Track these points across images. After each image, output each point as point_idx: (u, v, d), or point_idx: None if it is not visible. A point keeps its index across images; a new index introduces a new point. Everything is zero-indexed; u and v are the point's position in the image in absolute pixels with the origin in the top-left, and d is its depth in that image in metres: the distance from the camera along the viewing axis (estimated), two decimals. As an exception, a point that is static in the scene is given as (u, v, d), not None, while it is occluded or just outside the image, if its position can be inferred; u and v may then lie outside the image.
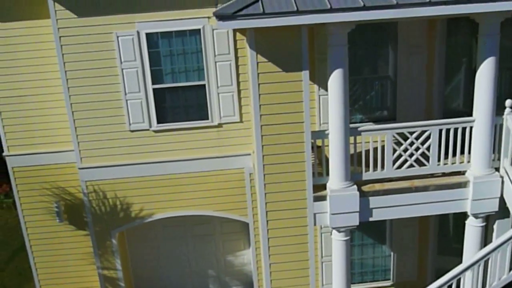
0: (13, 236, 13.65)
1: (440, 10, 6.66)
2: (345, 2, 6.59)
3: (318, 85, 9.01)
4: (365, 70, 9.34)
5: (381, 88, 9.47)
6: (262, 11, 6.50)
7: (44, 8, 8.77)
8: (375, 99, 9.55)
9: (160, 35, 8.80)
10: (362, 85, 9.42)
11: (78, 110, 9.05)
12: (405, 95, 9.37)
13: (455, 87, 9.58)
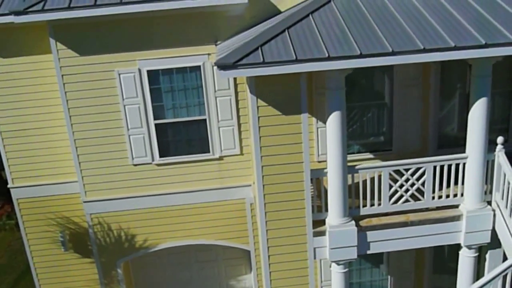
0: (17, 259, 13.84)
1: (433, 57, 6.91)
2: (342, 50, 6.83)
3: (316, 118, 9.26)
4: (363, 97, 9.56)
5: (378, 115, 9.73)
6: (262, 60, 6.72)
7: (47, 44, 8.96)
8: (372, 126, 9.79)
9: (161, 72, 9.02)
10: (359, 111, 9.65)
11: (82, 146, 9.27)
12: (401, 123, 9.62)
13: (450, 114, 9.85)
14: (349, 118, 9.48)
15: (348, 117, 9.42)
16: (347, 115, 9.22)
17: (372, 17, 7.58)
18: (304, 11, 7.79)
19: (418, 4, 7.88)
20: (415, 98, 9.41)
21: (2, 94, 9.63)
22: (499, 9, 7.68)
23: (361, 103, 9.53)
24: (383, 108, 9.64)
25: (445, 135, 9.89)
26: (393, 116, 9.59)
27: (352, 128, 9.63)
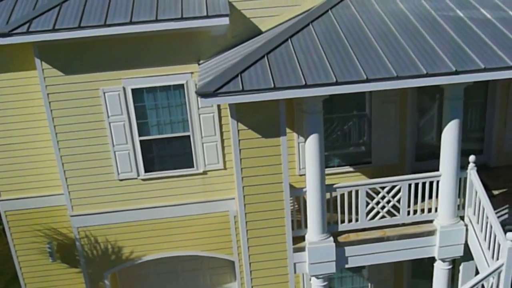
0: (5, 265, 13.99)
1: (406, 84, 7.19)
2: (319, 78, 7.08)
3: (297, 134, 9.53)
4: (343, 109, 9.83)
5: (358, 128, 10.02)
6: (241, 88, 6.95)
7: (33, 60, 9.06)
8: (352, 138, 10.08)
9: (145, 90, 9.22)
10: (340, 123, 9.93)
11: (68, 162, 9.46)
12: (380, 138, 9.93)
13: (427, 128, 10.19)
14: (331, 129, 9.78)
15: (329, 128, 9.74)
16: (328, 127, 9.58)
17: (349, 42, 7.83)
18: (284, 35, 8.00)
19: (394, 29, 8.13)
20: (393, 113, 9.71)
21: (-12, 109, 9.78)
22: (472, 35, 7.95)
23: (341, 115, 9.80)
24: (363, 120, 9.93)
25: (423, 148, 10.24)
26: (371, 131, 9.90)
27: (332, 140, 9.93)
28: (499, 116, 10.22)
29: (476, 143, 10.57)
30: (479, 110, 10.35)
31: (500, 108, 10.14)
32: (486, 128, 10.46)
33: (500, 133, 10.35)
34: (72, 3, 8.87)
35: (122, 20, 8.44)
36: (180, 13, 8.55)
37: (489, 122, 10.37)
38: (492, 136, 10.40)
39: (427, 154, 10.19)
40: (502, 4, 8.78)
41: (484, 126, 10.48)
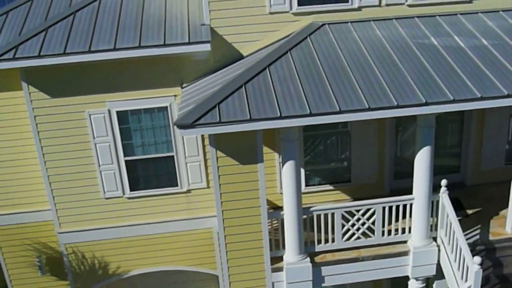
0: (-4, 274, 14.26)
1: (377, 115, 7.46)
2: (294, 110, 7.35)
3: (278, 153, 9.81)
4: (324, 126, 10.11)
5: (338, 145, 10.31)
6: (218, 120, 7.23)
7: (20, 81, 9.27)
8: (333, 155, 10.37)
9: (130, 113, 9.47)
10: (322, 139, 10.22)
11: (55, 181, 9.72)
12: (359, 157, 10.23)
13: (404, 148, 10.50)
14: (313, 145, 10.09)
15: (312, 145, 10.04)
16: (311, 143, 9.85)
17: (325, 71, 8.10)
18: (262, 63, 8.28)
19: (370, 57, 8.40)
20: (371, 133, 10.00)
21: (-23, 128, 10.04)
22: (444, 64, 8.23)
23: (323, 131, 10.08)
24: (343, 139, 10.21)
25: (401, 166, 10.53)
26: (351, 150, 10.19)
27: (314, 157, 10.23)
28: (475, 135, 10.52)
29: (453, 162, 10.88)
30: (456, 129, 10.65)
31: (476, 127, 10.44)
32: (463, 146, 10.76)
33: (477, 151, 10.66)
34: (58, 28, 9.12)
35: (106, 46, 8.69)
36: (162, 39, 8.80)
37: (465, 141, 10.67)
38: (468, 155, 10.71)
39: (406, 172, 10.46)
40: (476, 32, 9.07)
41: (461, 144, 10.79)
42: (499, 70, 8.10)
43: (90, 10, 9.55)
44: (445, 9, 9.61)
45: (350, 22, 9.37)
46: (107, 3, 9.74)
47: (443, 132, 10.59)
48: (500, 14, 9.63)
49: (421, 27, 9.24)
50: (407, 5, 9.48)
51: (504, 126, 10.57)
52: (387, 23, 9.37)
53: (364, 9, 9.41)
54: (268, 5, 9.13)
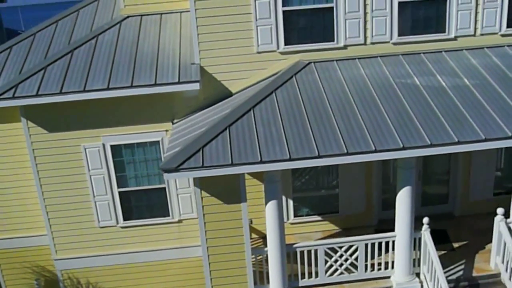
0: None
1: (355, 159, 7.71)
2: (274, 154, 7.64)
3: (267, 186, 10.08)
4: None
5: (326, 176, 10.57)
6: (201, 164, 7.54)
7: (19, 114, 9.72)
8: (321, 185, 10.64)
9: (123, 146, 9.83)
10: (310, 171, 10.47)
11: (52, 210, 10.11)
12: (347, 189, 10.48)
13: (393, 180, 10.68)
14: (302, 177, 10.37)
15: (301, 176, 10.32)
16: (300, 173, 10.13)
17: (308, 113, 8.37)
18: (248, 104, 8.58)
19: (352, 99, 8.65)
20: (359, 166, 10.21)
21: (-21, 156, 10.52)
22: (424, 106, 8.44)
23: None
24: (331, 170, 10.45)
25: (389, 197, 10.73)
26: (339, 182, 10.44)
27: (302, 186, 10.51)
28: (463, 166, 10.70)
29: (441, 192, 11.06)
30: (445, 159, 10.80)
31: (464, 158, 10.60)
32: (451, 177, 10.94)
33: (465, 183, 10.82)
34: (56, 66, 9.53)
35: (100, 86, 9.06)
36: (154, 79, 9.15)
37: (453, 172, 10.85)
38: (456, 186, 10.88)
39: (394, 203, 10.62)
40: (459, 71, 9.28)
41: (449, 175, 10.96)
42: (479, 112, 8.29)
43: (87, 48, 9.94)
44: (430, 47, 9.83)
45: (336, 61, 9.63)
46: (104, 41, 10.13)
47: (432, 162, 10.78)
48: (485, 51, 9.82)
49: (405, 65, 9.47)
50: (392, 43, 9.71)
51: (492, 158, 10.73)
52: (372, 61, 9.61)
53: (350, 47, 9.66)
54: (255, 44, 9.44)
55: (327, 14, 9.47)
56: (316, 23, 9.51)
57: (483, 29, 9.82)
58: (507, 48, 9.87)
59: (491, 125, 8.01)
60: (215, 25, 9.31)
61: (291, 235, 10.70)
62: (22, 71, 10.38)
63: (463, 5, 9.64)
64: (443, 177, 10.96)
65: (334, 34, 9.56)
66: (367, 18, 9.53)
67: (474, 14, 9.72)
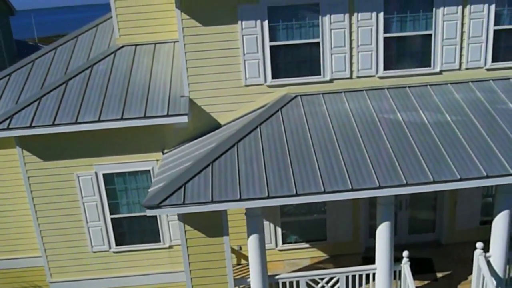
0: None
1: (332, 197, 7.91)
2: (253, 193, 7.87)
3: (255, 214, 10.33)
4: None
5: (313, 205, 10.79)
6: (182, 202, 7.81)
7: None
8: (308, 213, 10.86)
9: (115, 175, 10.15)
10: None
11: (47, 235, 10.47)
12: (334, 217, 10.68)
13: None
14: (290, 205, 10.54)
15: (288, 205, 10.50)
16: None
17: (290, 150, 8.59)
18: (232, 139, 8.83)
19: (335, 135, 8.85)
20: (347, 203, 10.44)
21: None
22: (405, 144, 8.60)
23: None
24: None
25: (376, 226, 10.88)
26: (327, 211, 10.65)
27: (288, 216, 10.75)
28: (450, 196, 10.83)
29: (428, 221, 11.20)
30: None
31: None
32: (438, 206, 11.08)
33: (451, 212, 10.96)
34: (51, 97, 9.89)
35: (91, 118, 9.40)
36: (143, 112, 9.46)
37: (440, 201, 10.99)
38: (443, 215, 11.03)
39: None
40: (442, 106, 9.43)
41: (436, 204, 11.11)
42: (457, 151, 8.43)
43: (81, 79, 10.29)
44: (416, 80, 10.01)
45: (322, 94, 9.85)
46: (98, 71, 10.47)
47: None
48: (469, 85, 9.96)
49: (390, 100, 9.65)
50: (378, 77, 9.91)
51: (478, 188, 10.84)
52: (357, 94, 9.82)
53: (336, 81, 9.88)
54: (243, 78, 9.71)
55: (313, 48, 9.71)
56: (303, 58, 9.75)
57: (468, 64, 9.98)
58: (492, 82, 10.02)
59: (468, 164, 8.16)
60: (204, 59, 9.59)
61: (279, 261, 10.97)
62: (20, 99, 10.83)
63: (448, 40, 9.81)
64: (430, 205, 11.11)
65: (321, 68, 9.79)
66: (353, 53, 9.75)
67: (459, 49, 9.89)
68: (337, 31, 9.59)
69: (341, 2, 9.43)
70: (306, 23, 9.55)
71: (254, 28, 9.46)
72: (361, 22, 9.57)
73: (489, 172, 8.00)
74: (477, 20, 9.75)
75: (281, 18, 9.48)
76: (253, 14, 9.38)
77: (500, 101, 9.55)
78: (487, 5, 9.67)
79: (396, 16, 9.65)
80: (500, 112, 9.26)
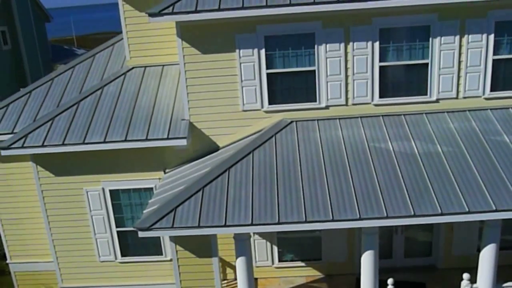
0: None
1: (313, 226, 8.22)
2: (238, 219, 8.27)
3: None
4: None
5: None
6: (171, 225, 8.31)
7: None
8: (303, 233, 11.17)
9: (121, 191, 10.78)
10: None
11: (59, 244, 11.23)
12: (330, 237, 10.96)
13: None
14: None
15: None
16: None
17: (278, 177, 8.94)
18: (225, 164, 9.26)
19: (324, 165, 9.12)
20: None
21: (2, 191, 11.83)
22: (392, 176, 8.77)
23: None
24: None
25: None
26: (322, 231, 10.94)
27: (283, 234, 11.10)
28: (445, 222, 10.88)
29: (424, 245, 11.31)
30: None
31: (449, 214, 10.80)
32: (434, 231, 11.16)
33: (448, 237, 11.02)
34: (63, 118, 10.60)
35: (98, 139, 10.04)
36: (146, 134, 10.02)
37: (436, 226, 11.06)
38: (440, 239, 11.10)
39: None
40: (435, 136, 9.55)
41: (432, 228, 11.18)
42: (443, 184, 8.55)
43: (92, 100, 10.95)
44: (412, 108, 10.13)
45: (317, 120, 10.14)
46: (108, 92, 11.12)
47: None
48: (466, 114, 10.00)
49: (383, 128, 9.83)
50: (373, 105, 10.10)
51: (478, 214, 10.85)
52: (352, 122, 10.04)
53: (332, 107, 10.14)
54: (241, 103, 10.11)
55: (309, 76, 9.99)
56: (299, 85, 10.05)
57: (466, 93, 10.03)
58: (489, 112, 10.02)
59: (451, 198, 8.29)
60: (204, 84, 10.05)
61: (275, 278, 11.36)
62: (38, 116, 11.61)
63: (445, 70, 9.89)
64: (426, 229, 11.20)
65: (316, 95, 10.07)
66: (348, 81, 9.98)
67: (456, 78, 9.95)
68: (333, 59, 9.84)
69: (337, 32, 9.68)
70: (302, 51, 9.85)
71: (252, 56, 9.84)
72: (356, 51, 9.79)
73: (471, 207, 8.11)
74: (475, 49, 9.79)
75: (278, 47, 9.82)
76: (250, 43, 9.76)
77: (495, 132, 9.57)
78: (485, 35, 9.70)
79: (392, 45, 9.81)
80: (493, 144, 9.29)
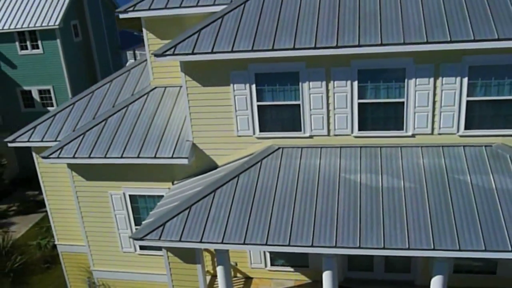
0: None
1: (272, 248, 9.62)
2: (213, 237, 9.88)
3: (245, 240, 12.32)
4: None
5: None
6: (158, 238, 10.09)
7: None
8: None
9: (138, 196, 12.75)
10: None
11: (91, 235, 13.53)
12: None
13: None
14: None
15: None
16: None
17: (254, 201, 10.36)
18: (214, 185, 10.82)
19: (295, 192, 10.39)
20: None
21: (51, 185, 14.33)
22: (353, 207, 9.89)
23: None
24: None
25: (354, 260, 12.24)
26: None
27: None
28: (427, 244, 11.74)
29: (404, 262, 12.23)
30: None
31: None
32: (417, 250, 12.04)
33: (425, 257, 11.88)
34: (92, 132, 12.67)
35: (116, 154, 12.00)
36: (155, 152, 11.82)
37: (418, 247, 11.94)
38: (418, 258, 11.97)
39: (358, 265, 12.23)
40: (402, 172, 10.42)
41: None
42: (394, 219, 9.51)
43: (118, 117, 12.90)
44: (389, 141, 11.01)
45: (302, 148, 11.34)
46: (132, 110, 13.00)
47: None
48: (439, 150, 10.71)
49: (358, 159, 10.84)
50: (353, 136, 11.10)
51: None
52: (332, 151, 11.13)
53: (315, 137, 11.28)
54: (236, 130, 11.54)
55: (295, 108, 11.17)
56: (286, 115, 11.28)
57: (440, 129, 10.73)
58: (461, 149, 10.66)
59: (397, 234, 9.29)
60: (204, 112, 11.59)
61: (268, 279, 12.89)
62: (77, 126, 13.80)
63: (420, 108, 10.63)
64: (407, 249, 12.11)
65: (301, 126, 11.25)
66: (330, 114, 11.04)
67: (431, 116, 10.66)
68: (316, 95, 10.93)
69: (319, 71, 10.73)
70: (288, 87, 11.03)
71: (244, 90, 11.18)
72: (337, 88, 10.80)
73: (412, 245, 9.09)
74: (449, 91, 10.43)
75: (267, 83, 11.07)
76: (242, 78, 11.09)
77: (461, 170, 10.24)
78: (459, 78, 10.29)
79: (370, 84, 10.69)
80: (454, 183, 10.02)
